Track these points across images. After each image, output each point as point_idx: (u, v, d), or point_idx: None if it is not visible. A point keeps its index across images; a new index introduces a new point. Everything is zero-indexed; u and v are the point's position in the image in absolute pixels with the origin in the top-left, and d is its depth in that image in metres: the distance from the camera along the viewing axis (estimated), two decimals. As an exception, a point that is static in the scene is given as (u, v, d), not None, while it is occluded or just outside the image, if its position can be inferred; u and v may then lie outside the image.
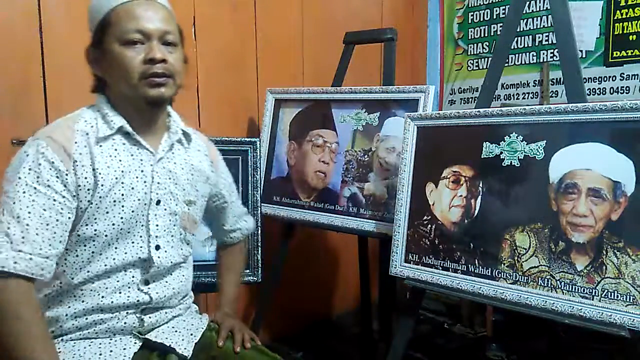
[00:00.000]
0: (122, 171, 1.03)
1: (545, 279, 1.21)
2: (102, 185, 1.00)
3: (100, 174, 1.00)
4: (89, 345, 1.02)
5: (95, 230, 1.00)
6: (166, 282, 1.10)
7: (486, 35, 2.66)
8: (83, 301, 1.02)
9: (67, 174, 0.97)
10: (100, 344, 1.02)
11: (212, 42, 1.94)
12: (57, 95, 1.54)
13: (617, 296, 1.11)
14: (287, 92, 1.95)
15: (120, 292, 1.04)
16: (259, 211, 1.76)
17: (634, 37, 2.14)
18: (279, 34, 2.18)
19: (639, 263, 1.10)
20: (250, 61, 2.09)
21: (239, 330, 1.18)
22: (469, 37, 2.73)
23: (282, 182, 1.90)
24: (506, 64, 2.34)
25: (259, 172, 1.78)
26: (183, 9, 1.85)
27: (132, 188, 1.04)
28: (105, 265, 1.02)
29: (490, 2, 2.61)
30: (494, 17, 2.61)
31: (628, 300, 1.10)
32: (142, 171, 1.06)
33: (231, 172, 1.75)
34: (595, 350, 1.98)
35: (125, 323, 1.04)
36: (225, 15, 1.98)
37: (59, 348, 1.00)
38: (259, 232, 1.75)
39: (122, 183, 1.03)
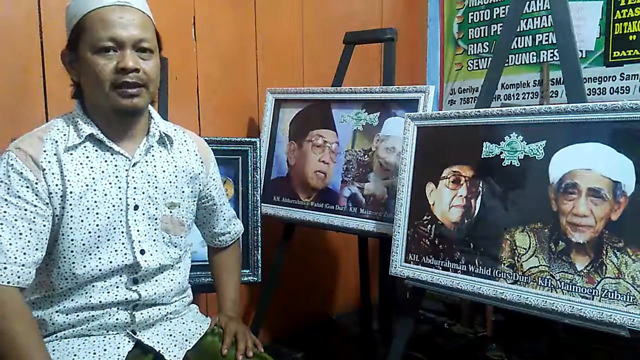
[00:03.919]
0: (94, 178, 1.02)
1: (545, 279, 1.21)
2: (71, 193, 1.00)
3: (69, 181, 1.00)
4: (83, 344, 1.02)
5: (72, 240, 1.00)
6: (156, 280, 1.10)
7: (486, 35, 2.66)
8: (72, 300, 1.03)
9: (37, 183, 0.97)
10: (94, 341, 1.03)
11: (212, 42, 1.94)
12: (57, 95, 1.54)
13: (617, 296, 1.11)
14: (287, 92, 1.95)
15: (108, 292, 1.04)
16: (259, 211, 1.76)
17: (634, 37, 2.14)
18: (279, 34, 2.18)
19: (639, 263, 1.10)
20: (250, 61, 2.09)
21: (242, 336, 1.15)
22: (469, 37, 2.73)
23: (282, 182, 1.90)
24: (506, 64, 2.35)
25: (259, 172, 1.78)
26: (183, 9, 1.85)
27: (105, 194, 1.03)
28: (92, 276, 1.03)
29: (490, 2, 2.61)
30: (494, 17, 2.61)
31: (628, 300, 1.10)
32: (116, 177, 1.05)
33: (231, 172, 1.76)
34: (595, 350, 1.98)
35: (117, 319, 1.05)
36: (225, 15, 1.98)
37: (52, 347, 1.00)
38: (259, 232, 1.75)
39: (95, 190, 1.02)
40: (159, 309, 1.11)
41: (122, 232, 1.05)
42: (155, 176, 1.10)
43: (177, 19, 1.83)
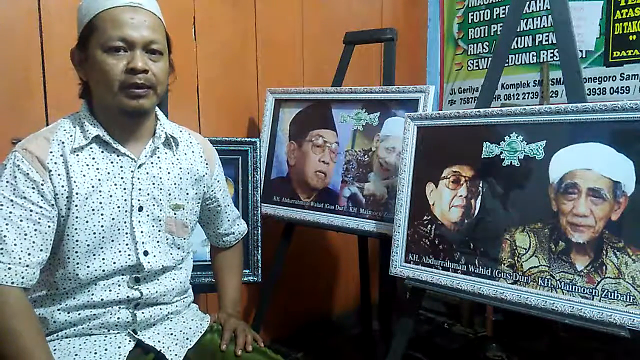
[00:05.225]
0: (99, 179, 1.03)
1: (545, 279, 1.21)
2: (77, 194, 1.00)
3: (75, 182, 1.00)
4: (84, 343, 1.02)
5: (77, 241, 1.01)
6: (158, 280, 1.11)
7: (486, 35, 2.66)
8: (75, 298, 1.03)
9: (42, 184, 0.98)
10: (95, 341, 1.03)
11: (212, 42, 1.94)
12: (57, 95, 1.54)
13: (617, 296, 1.11)
14: (287, 92, 1.95)
15: (110, 290, 1.05)
16: (259, 211, 1.76)
17: (634, 37, 2.14)
18: (279, 34, 2.18)
19: (639, 263, 1.10)
20: (250, 61, 2.09)
21: (241, 331, 1.16)
22: (469, 37, 2.73)
23: (282, 182, 1.90)
24: (506, 64, 2.34)
25: (259, 172, 1.78)
26: (183, 8, 1.85)
27: (111, 196, 1.04)
28: (96, 277, 1.03)
29: (490, 2, 2.61)
30: (494, 17, 2.61)
31: (628, 300, 1.10)
32: (121, 178, 1.05)
33: (231, 172, 1.76)
34: (595, 350, 1.98)
35: (118, 318, 1.05)
36: (225, 15, 1.98)
37: (54, 347, 1.00)
38: (259, 232, 1.75)
39: (100, 191, 1.03)
40: (160, 309, 1.11)
41: (126, 233, 1.06)
42: (160, 178, 1.10)
43: (177, 19, 1.83)
